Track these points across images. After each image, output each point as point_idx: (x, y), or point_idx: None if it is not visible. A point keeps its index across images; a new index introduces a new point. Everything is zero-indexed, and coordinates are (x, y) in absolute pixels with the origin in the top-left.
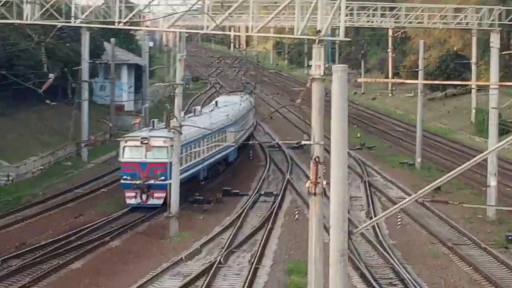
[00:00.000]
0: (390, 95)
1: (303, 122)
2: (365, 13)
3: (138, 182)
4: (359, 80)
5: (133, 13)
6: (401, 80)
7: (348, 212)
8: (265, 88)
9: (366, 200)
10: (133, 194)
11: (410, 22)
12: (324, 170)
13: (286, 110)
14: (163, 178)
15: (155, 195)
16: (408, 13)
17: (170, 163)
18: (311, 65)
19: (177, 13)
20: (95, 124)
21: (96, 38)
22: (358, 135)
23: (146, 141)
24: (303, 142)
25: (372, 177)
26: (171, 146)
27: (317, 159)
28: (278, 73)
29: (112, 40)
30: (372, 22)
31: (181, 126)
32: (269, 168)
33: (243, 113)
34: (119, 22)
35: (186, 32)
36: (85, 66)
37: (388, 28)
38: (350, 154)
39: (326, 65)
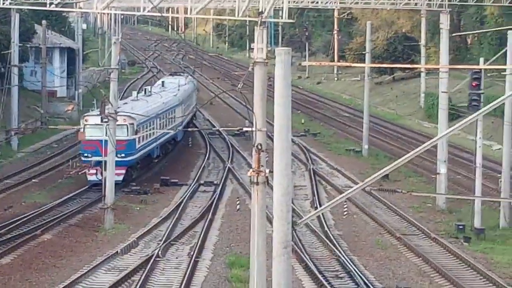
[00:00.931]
0: (336, 79)
1: (244, 108)
2: None
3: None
4: (303, 63)
5: None
6: (347, 64)
7: (292, 202)
8: (205, 73)
9: (311, 189)
10: (93, 171)
11: (357, 3)
12: (267, 158)
13: (227, 96)
14: (123, 155)
15: (116, 171)
16: None
17: (131, 140)
18: (253, 48)
19: None
20: (25, 111)
21: (26, 20)
22: (303, 121)
23: (107, 119)
24: (244, 129)
25: (317, 165)
26: (131, 124)
27: (259, 147)
28: (219, 57)
29: (44, 22)
30: (317, 3)
31: (116, 113)
32: (209, 156)
33: (188, 94)
34: (51, 4)
35: (122, 14)
36: (14, 50)
37: (333, 9)
38: (294, 141)
39: (269, 48)
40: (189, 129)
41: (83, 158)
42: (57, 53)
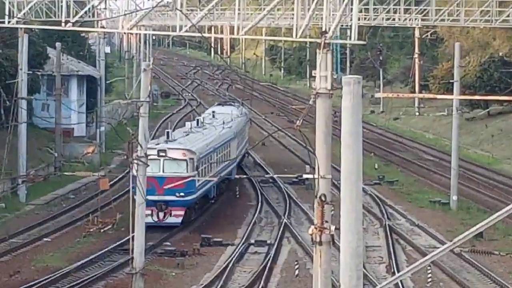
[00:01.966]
0: (417, 114)
1: (304, 150)
2: (385, 9)
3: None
4: (377, 95)
5: (84, 10)
6: (431, 95)
7: (364, 266)
8: (256, 106)
9: (387, 250)
10: (148, 211)
11: (443, 20)
12: (333, 212)
13: (283, 135)
14: (182, 194)
15: (173, 212)
16: (440, 8)
17: (190, 177)
18: (314, 76)
19: (141, 9)
20: (35, 154)
21: (37, 43)
22: (376, 166)
23: (164, 153)
24: (304, 176)
25: (395, 221)
26: (191, 159)
27: (323, 198)
28: (273, 87)
29: (58, 44)
30: (394, 19)
31: (147, 156)
32: (261, 209)
33: (241, 126)
34: (67, 22)
35: (154, 35)
36: (22, 79)
37: (414, 28)
38: (365, 190)
39: (335, 76)
40: (238, 177)
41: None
42: (74, 82)
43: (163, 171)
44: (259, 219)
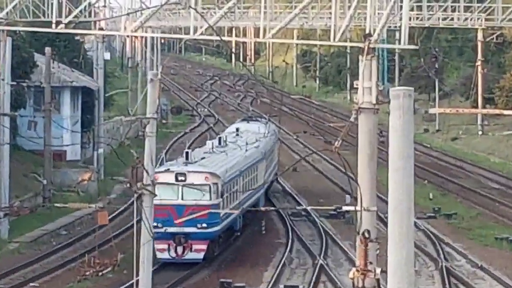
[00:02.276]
0: (480, 133)
1: (344, 176)
2: (441, 7)
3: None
4: (431, 110)
5: (80, 8)
6: (496, 110)
7: None
8: (286, 124)
9: None
10: (165, 246)
11: (511, 20)
12: (378, 251)
13: (318, 158)
14: (204, 225)
15: (194, 247)
16: (508, 5)
17: (215, 205)
18: (356, 88)
19: (148, 7)
20: (21, 181)
21: (23, 48)
22: (431, 197)
23: (183, 178)
24: (344, 208)
25: (453, 262)
26: (215, 184)
27: (366, 235)
28: (306, 101)
29: (48, 50)
30: (452, 20)
31: (154, 184)
32: (291, 247)
33: (270, 146)
34: (59, 23)
35: (163, 38)
36: (5, 91)
37: (476, 30)
38: (418, 225)
39: (381, 88)
40: (264, 209)
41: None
42: (67, 95)
43: (182, 199)
44: (289, 260)
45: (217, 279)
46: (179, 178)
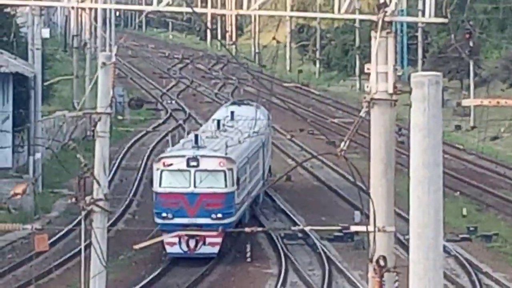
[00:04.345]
0: None
1: (352, 187)
2: None
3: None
4: (465, 102)
5: None
6: None
7: None
8: (276, 119)
9: None
10: (175, 239)
11: None
12: (397, 284)
13: (318, 163)
14: (219, 215)
15: (208, 240)
16: None
17: (230, 194)
18: (368, 74)
19: None
20: None
21: None
22: (465, 213)
23: (195, 163)
24: (352, 228)
25: None
26: (230, 169)
27: (381, 263)
28: (302, 89)
29: None
30: None
31: (107, 198)
32: (284, 279)
33: (267, 132)
34: None
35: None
36: None
37: None
38: (448, 250)
39: (399, 73)
40: (249, 230)
41: (159, 221)
42: None
43: (194, 186)
44: None
45: None
46: (191, 163)
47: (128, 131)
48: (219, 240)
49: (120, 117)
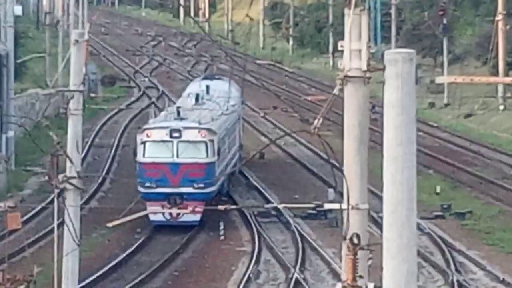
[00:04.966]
0: (501, 108)
1: (326, 165)
2: None
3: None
4: (438, 79)
5: None
6: None
7: None
8: (251, 98)
9: None
10: (158, 207)
11: None
12: (371, 262)
13: (292, 141)
14: (201, 185)
15: (191, 208)
16: None
17: (212, 164)
18: (341, 51)
19: None
20: None
21: None
22: (438, 190)
23: (177, 134)
24: (326, 206)
25: (467, 274)
26: (211, 141)
27: (355, 240)
28: (276, 67)
29: None
30: None
31: (80, 176)
32: (258, 257)
33: (240, 106)
34: None
35: None
36: None
37: None
38: (422, 228)
39: (372, 50)
40: (223, 207)
41: (142, 190)
42: None
43: (177, 156)
44: (255, 274)
45: None
46: (174, 134)
47: (101, 109)
48: (201, 208)
49: (93, 95)
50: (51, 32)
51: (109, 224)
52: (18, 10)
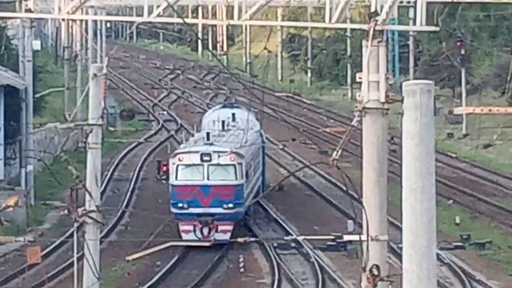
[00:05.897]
0: None
1: (345, 196)
2: None
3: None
4: (457, 110)
5: None
6: None
7: None
8: (269, 129)
9: None
10: (190, 227)
11: None
12: None
13: (311, 173)
14: (230, 205)
15: (220, 228)
16: None
17: (240, 186)
18: (360, 83)
19: None
20: None
21: None
22: (458, 221)
23: (208, 158)
24: (346, 237)
25: None
26: (240, 164)
27: (375, 271)
28: (294, 99)
29: None
30: None
31: (99, 209)
32: None
33: (260, 133)
34: None
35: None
36: None
37: None
38: (442, 258)
39: (391, 82)
40: (242, 240)
41: (175, 210)
42: None
43: (207, 179)
44: None
45: None
46: (205, 158)
47: (120, 142)
48: (230, 228)
49: (111, 129)
50: (69, 67)
51: (129, 258)
52: (37, 44)
